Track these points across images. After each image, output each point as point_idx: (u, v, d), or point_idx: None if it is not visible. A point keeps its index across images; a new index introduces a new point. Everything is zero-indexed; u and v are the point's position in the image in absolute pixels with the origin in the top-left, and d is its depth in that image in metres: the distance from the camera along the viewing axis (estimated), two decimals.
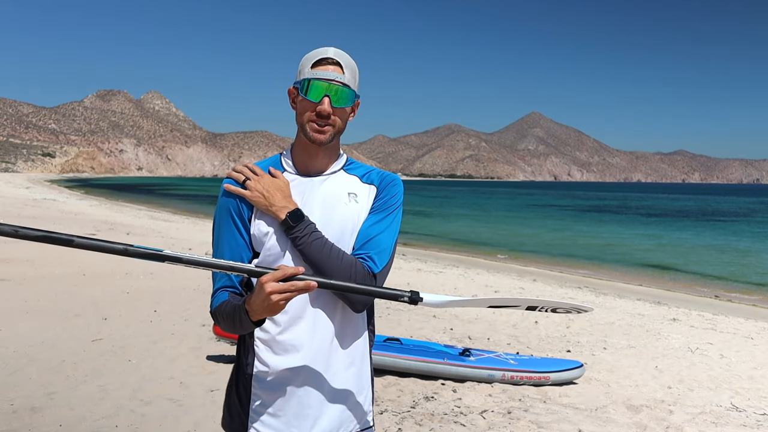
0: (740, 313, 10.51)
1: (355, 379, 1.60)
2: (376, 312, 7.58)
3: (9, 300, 7.15)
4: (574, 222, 39.33)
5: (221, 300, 1.53)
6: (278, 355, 1.53)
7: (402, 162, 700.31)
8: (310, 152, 1.60)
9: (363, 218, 1.59)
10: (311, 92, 1.53)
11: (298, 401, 1.53)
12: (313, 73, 1.54)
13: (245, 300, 1.41)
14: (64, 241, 1.26)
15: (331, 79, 1.53)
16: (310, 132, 1.55)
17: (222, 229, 1.60)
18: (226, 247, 1.57)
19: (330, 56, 1.55)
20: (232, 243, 1.57)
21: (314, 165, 1.62)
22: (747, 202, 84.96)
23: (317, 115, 1.54)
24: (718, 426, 4.41)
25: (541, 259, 19.07)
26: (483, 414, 4.35)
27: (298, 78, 1.57)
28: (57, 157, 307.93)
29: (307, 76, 1.54)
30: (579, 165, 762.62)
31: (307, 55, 1.58)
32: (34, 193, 42.07)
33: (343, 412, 1.58)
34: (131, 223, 20.25)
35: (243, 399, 1.58)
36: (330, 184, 1.61)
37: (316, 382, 1.54)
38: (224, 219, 1.59)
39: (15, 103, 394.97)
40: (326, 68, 1.54)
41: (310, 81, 1.53)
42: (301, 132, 1.59)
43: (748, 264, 19.56)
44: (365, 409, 1.64)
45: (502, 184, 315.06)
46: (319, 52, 1.57)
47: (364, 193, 1.62)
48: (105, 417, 3.96)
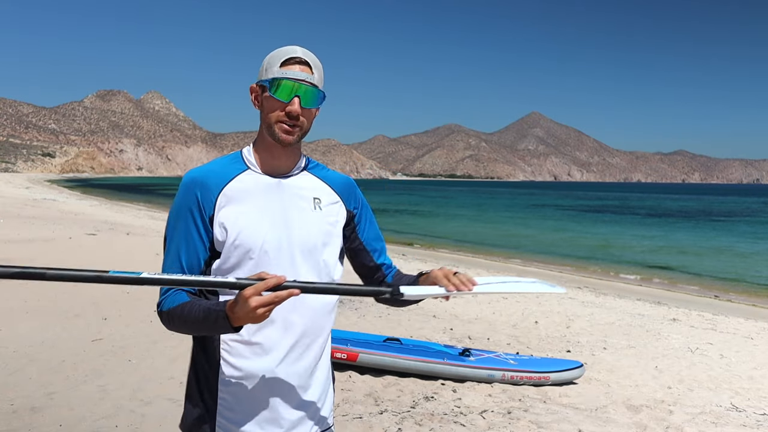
0: (740, 313, 10.51)
1: (323, 379, 1.61)
2: (376, 312, 7.58)
3: (9, 300, 7.15)
4: (574, 222, 39.32)
5: (180, 301, 1.44)
6: (248, 358, 1.49)
7: (402, 162, 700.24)
8: (274, 152, 1.57)
9: (325, 229, 1.59)
10: (281, 92, 1.50)
11: (269, 404, 1.51)
12: (282, 72, 1.50)
13: (226, 307, 1.34)
14: (37, 275, 1.26)
15: (301, 80, 1.50)
16: (278, 132, 1.52)
17: (177, 227, 1.52)
18: (183, 247, 1.50)
19: (299, 56, 1.52)
20: (188, 243, 1.50)
21: (278, 165, 1.59)
22: (747, 202, 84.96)
23: (287, 115, 1.51)
24: (718, 426, 4.41)
25: (541, 259, 19.07)
26: (483, 414, 4.35)
27: (264, 76, 1.53)
28: (57, 157, 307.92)
29: (277, 75, 1.50)
30: (579, 165, 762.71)
31: (273, 53, 1.54)
32: (34, 193, 42.06)
33: (313, 413, 1.58)
34: (131, 223, 20.24)
35: (209, 404, 1.53)
36: (294, 185, 1.59)
37: (287, 384, 1.52)
38: (181, 215, 1.52)
39: (15, 103, 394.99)
40: (295, 67, 1.51)
41: (280, 80, 1.50)
42: (266, 131, 1.55)
43: (748, 264, 19.56)
44: (330, 408, 1.65)
45: (502, 184, 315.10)
46: (287, 50, 1.53)
47: (326, 198, 1.62)
48: (105, 417, 3.96)
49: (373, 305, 7.96)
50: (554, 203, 72.59)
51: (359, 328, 6.59)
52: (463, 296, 1.49)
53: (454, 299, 8.95)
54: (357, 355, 5.03)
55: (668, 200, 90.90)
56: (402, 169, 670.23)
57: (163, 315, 1.47)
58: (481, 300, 9.06)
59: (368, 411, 4.30)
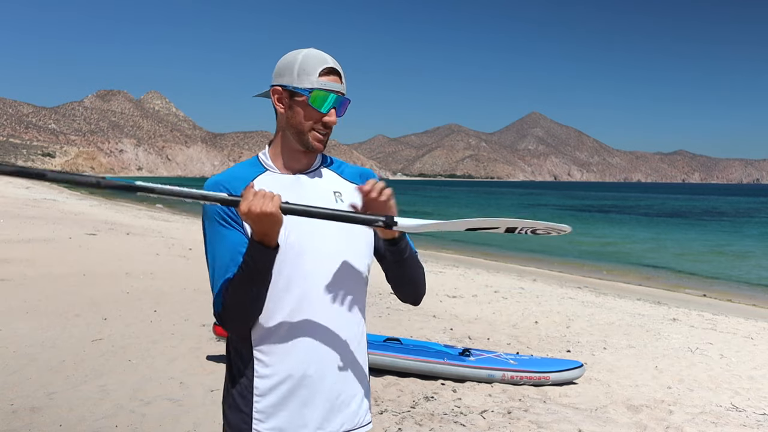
0: (740, 313, 10.51)
1: (358, 377, 1.62)
2: (376, 312, 7.58)
3: (9, 300, 7.15)
4: (573, 222, 39.31)
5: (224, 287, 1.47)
6: (281, 361, 1.51)
7: (402, 162, 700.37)
8: (295, 155, 1.59)
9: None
10: (321, 102, 1.51)
11: (304, 405, 1.52)
12: (322, 83, 1.51)
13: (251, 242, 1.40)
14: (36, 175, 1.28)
15: (337, 91, 1.53)
16: (312, 141, 1.54)
17: (215, 230, 1.51)
18: (226, 251, 1.49)
19: (333, 66, 1.53)
20: (231, 243, 1.49)
21: (298, 167, 1.61)
22: (747, 202, 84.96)
23: (323, 125, 1.54)
24: (718, 426, 4.41)
25: (541, 259, 19.06)
26: (483, 414, 4.35)
27: (298, 83, 1.52)
28: (57, 157, 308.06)
29: (317, 86, 1.51)
30: (579, 165, 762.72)
31: (306, 58, 1.53)
32: (34, 193, 42.03)
33: (350, 411, 1.59)
34: (131, 223, 20.24)
35: (245, 411, 1.54)
36: (317, 181, 1.61)
37: (323, 383, 1.54)
38: (215, 218, 1.51)
39: (15, 103, 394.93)
40: (332, 78, 1.53)
41: (321, 91, 1.51)
42: (294, 137, 1.56)
43: (748, 264, 19.56)
44: (366, 407, 1.64)
45: (502, 184, 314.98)
46: (322, 58, 1.53)
47: (347, 192, 1.63)
48: (105, 417, 3.96)
49: (373, 305, 7.97)
50: (554, 203, 72.59)
51: None
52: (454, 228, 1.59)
53: (454, 299, 8.97)
54: None
55: (668, 200, 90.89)
56: (402, 169, 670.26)
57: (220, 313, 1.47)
58: (481, 300, 9.06)
59: None
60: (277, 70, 1.56)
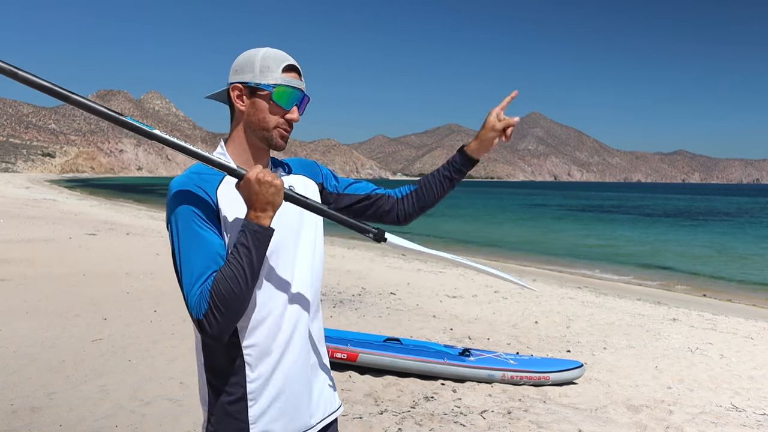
0: (740, 313, 10.50)
1: (327, 364, 1.71)
2: (376, 312, 7.59)
3: (9, 300, 7.15)
4: (573, 222, 39.31)
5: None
6: (267, 362, 1.51)
7: (402, 162, 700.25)
8: (260, 154, 1.58)
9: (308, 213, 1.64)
10: (284, 99, 1.51)
11: (294, 399, 1.55)
12: (286, 79, 1.51)
13: (245, 224, 1.39)
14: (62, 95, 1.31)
15: (300, 88, 1.54)
16: (276, 138, 1.53)
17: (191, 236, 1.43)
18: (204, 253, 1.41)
19: (294, 63, 1.54)
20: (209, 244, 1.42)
21: (260, 163, 1.58)
22: (747, 202, 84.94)
23: (287, 122, 1.54)
24: (718, 426, 4.41)
25: (541, 259, 19.06)
26: (483, 414, 4.35)
27: (261, 79, 1.50)
28: (57, 157, 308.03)
29: (280, 82, 1.50)
30: (579, 165, 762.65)
31: (267, 55, 1.52)
32: (34, 194, 42.05)
33: (327, 398, 1.67)
34: (131, 223, 20.24)
35: (240, 419, 1.51)
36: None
37: (304, 376, 1.58)
38: (190, 224, 1.43)
39: (15, 103, 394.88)
40: (294, 75, 1.53)
41: (284, 87, 1.50)
42: (256, 134, 1.54)
43: (748, 264, 19.55)
44: (336, 389, 1.74)
45: (502, 184, 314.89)
46: (283, 56, 1.53)
47: (297, 183, 1.67)
48: (105, 417, 3.96)
49: (373, 305, 7.97)
50: (554, 203, 72.58)
51: (359, 328, 6.59)
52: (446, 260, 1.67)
53: (454, 299, 8.97)
54: (357, 355, 5.03)
55: (668, 200, 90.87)
56: (402, 169, 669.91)
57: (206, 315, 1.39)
58: (481, 300, 9.06)
59: (368, 411, 4.30)
60: (236, 68, 1.54)
